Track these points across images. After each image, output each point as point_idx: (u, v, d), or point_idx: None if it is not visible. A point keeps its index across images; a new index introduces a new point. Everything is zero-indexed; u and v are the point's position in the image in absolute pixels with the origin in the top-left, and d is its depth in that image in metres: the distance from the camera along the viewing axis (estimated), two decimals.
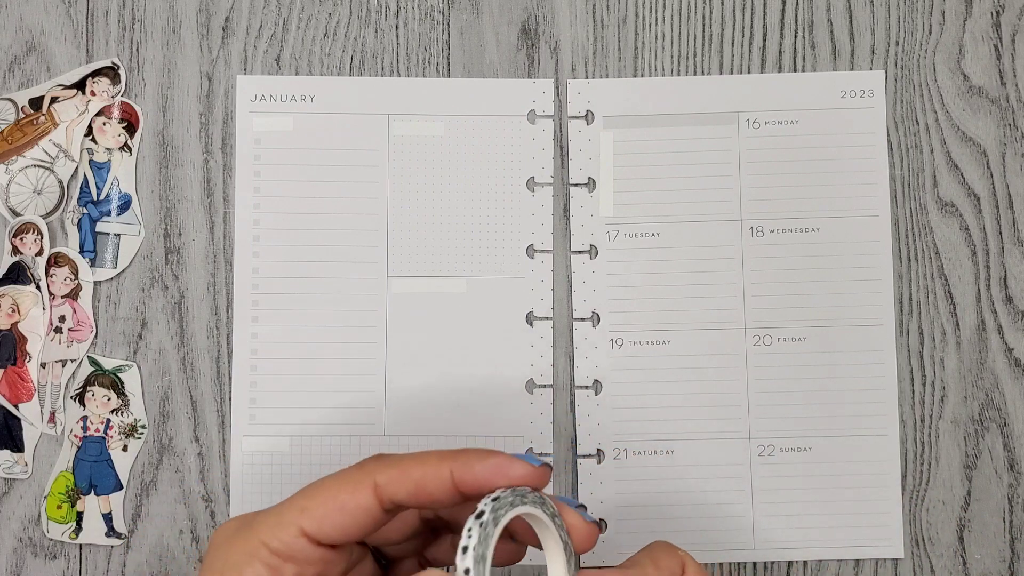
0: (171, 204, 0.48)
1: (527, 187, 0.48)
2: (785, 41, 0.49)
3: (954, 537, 0.47)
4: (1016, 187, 0.48)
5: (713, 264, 0.48)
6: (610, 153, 0.48)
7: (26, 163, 0.48)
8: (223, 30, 0.49)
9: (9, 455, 0.47)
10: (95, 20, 0.49)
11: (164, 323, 0.48)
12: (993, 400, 0.47)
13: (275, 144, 0.48)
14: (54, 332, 0.47)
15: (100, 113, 0.48)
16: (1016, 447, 0.47)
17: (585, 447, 0.47)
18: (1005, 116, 0.48)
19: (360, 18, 0.49)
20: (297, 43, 0.49)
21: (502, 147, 0.48)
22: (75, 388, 0.47)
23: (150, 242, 0.48)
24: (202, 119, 0.49)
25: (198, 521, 0.47)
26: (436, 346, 0.47)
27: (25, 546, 0.47)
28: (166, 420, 0.48)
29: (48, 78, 0.49)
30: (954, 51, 0.48)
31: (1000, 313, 0.48)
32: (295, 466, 0.47)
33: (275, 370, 0.47)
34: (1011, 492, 0.47)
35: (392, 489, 0.31)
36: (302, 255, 0.48)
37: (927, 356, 0.47)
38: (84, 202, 0.48)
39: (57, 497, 0.47)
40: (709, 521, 0.46)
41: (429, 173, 0.48)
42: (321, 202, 0.48)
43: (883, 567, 0.47)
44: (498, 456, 0.31)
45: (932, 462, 0.47)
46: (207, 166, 0.48)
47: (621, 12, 0.49)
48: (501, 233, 0.48)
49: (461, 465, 0.31)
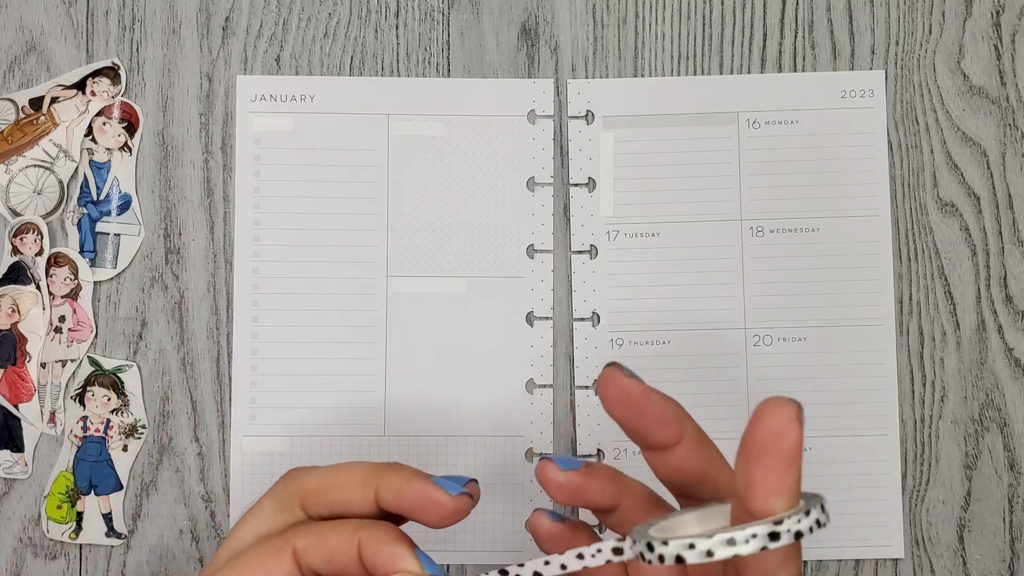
0: (171, 204, 0.48)
1: (527, 187, 0.48)
2: (785, 41, 0.49)
3: (954, 537, 0.47)
4: (1016, 187, 0.48)
5: (713, 264, 0.48)
6: (610, 153, 0.48)
7: (26, 163, 0.48)
8: (223, 30, 0.49)
9: (9, 455, 0.47)
10: (95, 20, 0.49)
11: (164, 323, 0.48)
12: (993, 400, 0.47)
13: (275, 144, 0.48)
14: (54, 332, 0.47)
15: (100, 113, 0.48)
16: (1016, 447, 0.47)
17: (585, 447, 0.47)
18: (1005, 116, 0.48)
19: (360, 18, 0.49)
20: (297, 43, 0.49)
21: (502, 147, 0.48)
22: (75, 388, 0.47)
23: (150, 242, 0.48)
24: (202, 119, 0.49)
25: (198, 521, 0.47)
26: (436, 346, 0.47)
27: (25, 546, 0.47)
28: (166, 420, 0.48)
29: (48, 78, 0.49)
30: (954, 51, 0.48)
31: (1000, 313, 0.48)
32: (295, 466, 0.47)
33: (275, 370, 0.47)
34: (1011, 492, 0.47)
35: (308, 557, 0.31)
36: (302, 255, 0.48)
37: (927, 356, 0.47)
38: (84, 202, 0.48)
39: (57, 497, 0.47)
40: None
41: (429, 173, 0.48)
42: (321, 202, 0.48)
43: (883, 567, 0.47)
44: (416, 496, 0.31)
45: (932, 462, 0.47)
46: (207, 166, 0.48)
47: (621, 12, 0.49)
48: (501, 233, 0.48)
49: (369, 539, 0.30)
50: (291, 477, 0.34)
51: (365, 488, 0.32)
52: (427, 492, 0.31)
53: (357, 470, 0.33)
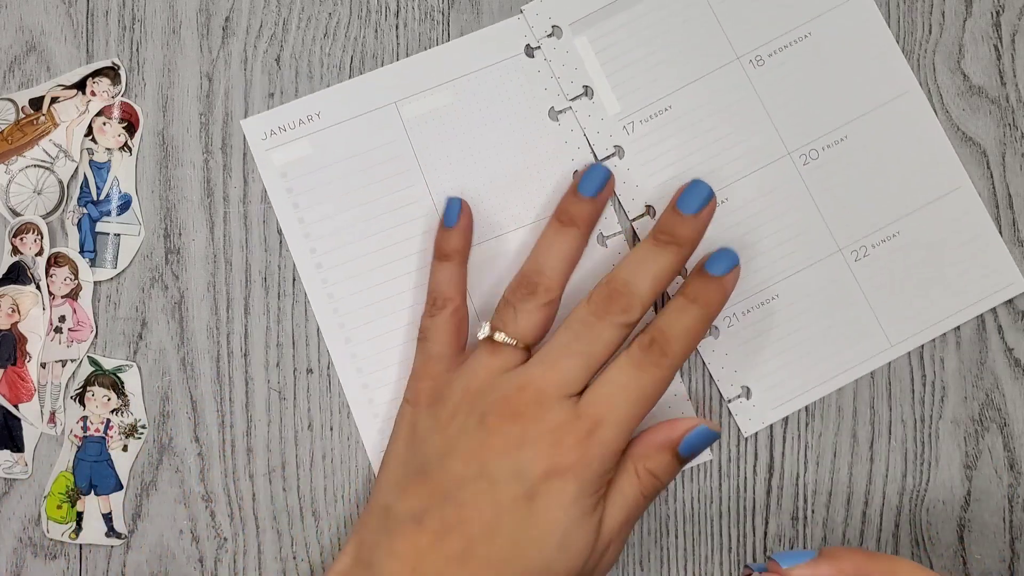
0: (171, 204, 0.48)
1: (550, 118, 0.48)
2: None
3: (954, 537, 0.47)
4: (1016, 187, 0.48)
5: (729, 107, 0.48)
6: (591, 55, 0.48)
7: (26, 163, 0.48)
8: (223, 30, 0.49)
9: (9, 455, 0.47)
10: (95, 20, 0.49)
11: (164, 323, 0.48)
12: (993, 400, 0.47)
13: (301, 171, 0.48)
14: (54, 332, 0.47)
15: (100, 113, 0.48)
16: (1016, 447, 0.47)
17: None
18: (1005, 116, 0.48)
19: (360, 18, 0.49)
20: (297, 43, 0.49)
21: (512, 90, 0.48)
22: (75, 388, 0.47)
23: (150, 242, 0.48)
24: (202, 119, 0.49)
25: (198, 521, 0.47)
26: None
27: (25, 546, 0.47)
28: (166, 420, 0.48)
29: (48, 78, 0.49)
30: (954, 51, 0.49)
31: (1000, 313, 0.48)
32: None
33: (383, 380, 0.47)
34: (1011, 492, 0.47)
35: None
36: (369, 264, 0.48)
37: (927, 356, 0.47)
38: (84, 202, 0.48)
39: (57, 497, 0.47)
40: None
41: (455, 141, 0.48)
42: (366, 208, 0.48)
43: None
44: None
45: (932, 462, 0.47)
46: (207, 166, 0.48)
47: None
48: (544, 172, 0.48)
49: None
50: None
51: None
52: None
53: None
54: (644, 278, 0.42)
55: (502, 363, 0.42)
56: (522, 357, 0.43)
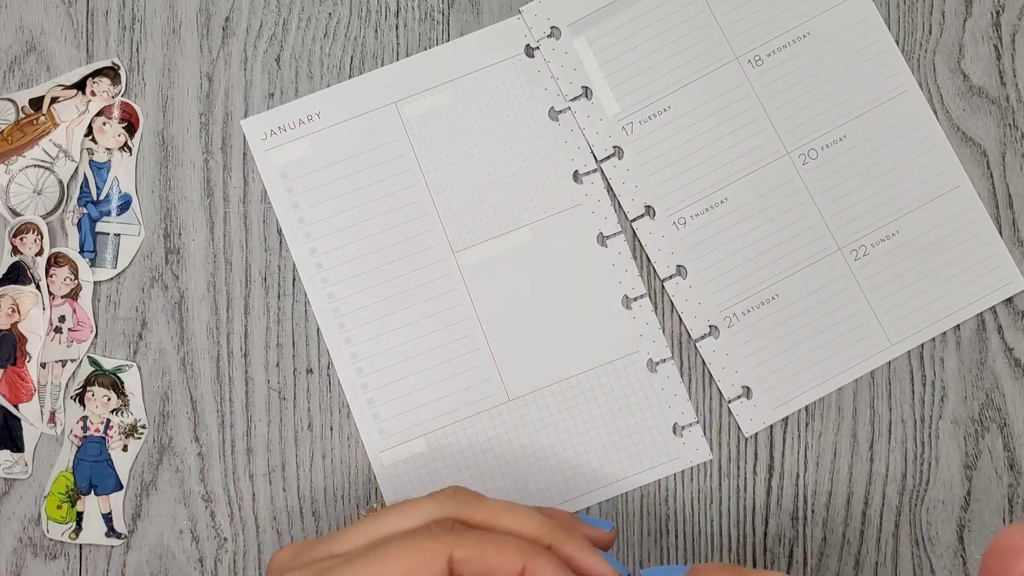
0: (171, 204, 0.48)
1: (550, 118, 0.48)
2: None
3: (954, 537, 0.47)
4: (1016, 187, 0.48)
5: (730, 105, 0.48)
6: (589, 55, 0.48)
7: (26, 163, 0.48)
8: (223, 30, 0.49)
9: (9, 455, 0.47)
10: (95, 20, 0.49)
11: (164, 323, 0.48)
12: (993, 400, 0.47)
13: (301, 171, 0.48)
14: (54, 332, 0.47)
15: (100, 113, 0.48)
16: (1016, 447, 0.47)
17: (697, 330, 0.47)
18: (1005, 116, 0.48)
19: (360, 18, 0.49)
20: (297, 43, 0.49)
21: (512, 90, 0.48)
22: (75, 388, 0.47)
23: (150, 242, 0.48)
24: (202, 119, 0.49)
25: (198, 521, 0.47)
26: (523, 298, 0.48)
27: (25, 546, 0.47)
28: (166, 420, 0.48)
29: (48, 78, 0.49)
30: (954, 51, 0.49)
31: (1000, 313, 0.48)
32: (439, 460, 0.47)
33: (384, 381, 0.47)
34: (1011, 492, 0.47)
35: (465, 568, 0.31)
36: (368, 264, 0.48)
37: (927, 356, 0.47)
38: (84, 202, 0.48)
39: (57, 497, 0.47)
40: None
41: (454, 141, 0.48)
42: (365, 208, 0.48)
43: (883, 568, 0.47)
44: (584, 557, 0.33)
45: (932, 462, 0.47)
46: (207, 166, 0.48)
47: None
48: (543, 171, 0.48)
49: (537, 568, 0.32)
50: (459, 500, 0.34)
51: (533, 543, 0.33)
52: (600, 568, 0.33)
53: (532, 524, 0.34)
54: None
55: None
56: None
